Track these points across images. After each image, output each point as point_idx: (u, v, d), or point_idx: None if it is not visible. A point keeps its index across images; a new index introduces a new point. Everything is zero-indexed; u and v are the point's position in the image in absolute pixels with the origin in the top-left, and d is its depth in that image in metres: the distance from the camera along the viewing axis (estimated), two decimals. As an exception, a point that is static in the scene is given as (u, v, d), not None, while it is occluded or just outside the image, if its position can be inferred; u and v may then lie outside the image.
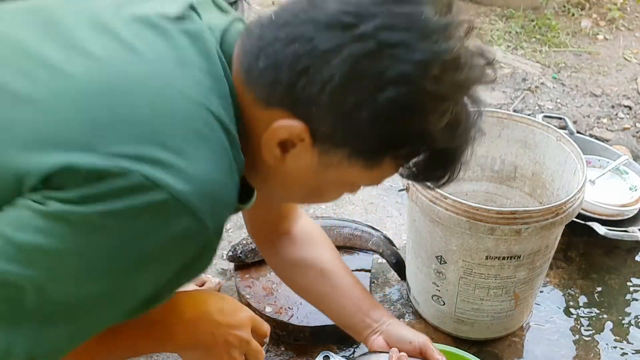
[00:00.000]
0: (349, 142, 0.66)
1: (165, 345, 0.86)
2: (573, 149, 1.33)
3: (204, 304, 0.87)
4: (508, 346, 1.42)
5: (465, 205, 1.16)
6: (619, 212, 1.65)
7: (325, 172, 0.69)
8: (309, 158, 0.68)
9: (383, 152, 0.67)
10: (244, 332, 0.88)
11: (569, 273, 1.63)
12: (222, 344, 0.86)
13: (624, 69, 2.84)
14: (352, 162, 0.68)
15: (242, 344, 0.88)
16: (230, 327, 0.87)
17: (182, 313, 0.84)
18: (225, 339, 0.86)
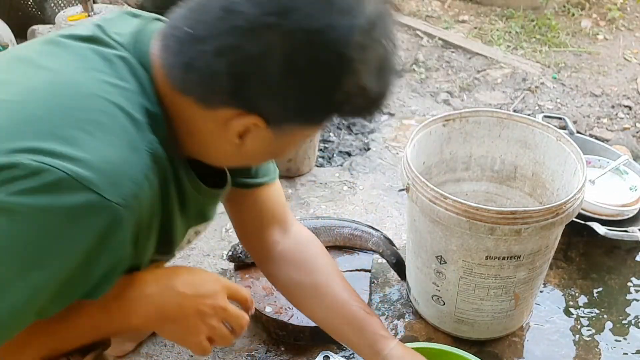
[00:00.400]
0: (299, 116, 0.75)
1: (128, 321, 0.82)
2: (573, 149, 1.33)
3: (166, 278, 0.85)
4: (508, 346, 1.42)
5: (465, 205, 1.16)
6: (619, 212, 1.65)
7: (282, 139, 0.78)
8: (266, 136, 0.76)
9: (330, 115, 0.76)
10: (217, 300, 0.86)
11: (569, 273, 1.63)
12: (194, 314, 0.84)
13: (624, 69, 2.84)
14: (304, 126, 0.79)
15: (218, 311, 0.86)
16: (199, 297, 0.85)
17: (142, 288, 0.82)
18: (196, 309, 0.84)
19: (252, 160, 0.91)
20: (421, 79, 2.77)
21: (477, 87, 2.70)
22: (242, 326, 0.90)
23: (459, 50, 3.01)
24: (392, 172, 2.07)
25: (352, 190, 1.97)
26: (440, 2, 3.57)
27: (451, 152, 1.49)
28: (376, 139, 2.25)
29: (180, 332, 0.85)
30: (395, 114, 2.45)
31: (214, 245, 1.73)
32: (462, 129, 1.46)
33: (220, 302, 0.86)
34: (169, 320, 0.83)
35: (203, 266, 1.65)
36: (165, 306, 0.82)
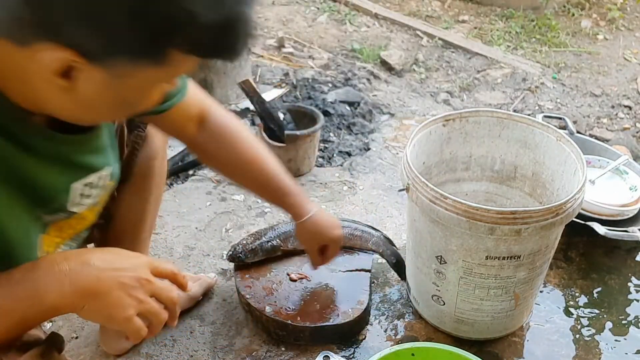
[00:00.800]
0: (120, 48, 0.65)
1: (42, 301, 0.76)
2: (573, 149, 1.33)
3: (77, 255, 0.80)
4: (508, 346, 1.42)
5: (465, 205, 1.16)
6: (619, 212, 1.65)
7: (121, 83, 0.70)
8: (96, 76, 0.68)
9: (160, 46, 0.66)
10: (139, 272, 0.80)
11: (569, 273, 1.63)
12: (116, 287, 0.78)
13: (624, 69, 2.85)
14: (140, 65, 0.68)
15: (143, 283, 0.80)
16: (118, 269, 0.79)
17: (52, 265, 0.77)
18: (117, 281, 0.78)
19: (98, 112, 0.79)
20: (421, 79, 2.77)
21: (477, 87, 2.70)
22: (172, 300, 0.84)
23: (459, 50, 3.01)
24: (392, 172, 2.07)
25: (352, 190, 1.97)
26: (440, 2, 3.57)
27: (451, 152, 1.49)
28: (376, 139, 2.25)
29: (105, 308, 0.79)
30: (395, 114, 2.45)
31: (214, 245, 1.73)
32: (462, 129, 1.46)
33: (143, 274, 0.81)
34: (88, 296, 0.78)
35: (203, 266, 1.66)
36: (80, 281, 0.77)
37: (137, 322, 0.80)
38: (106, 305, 0.79)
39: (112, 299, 0.78)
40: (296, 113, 2.05)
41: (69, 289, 0.77)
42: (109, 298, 0.78)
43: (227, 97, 2.41)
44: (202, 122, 1.16)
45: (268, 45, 3.02)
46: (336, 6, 3.47)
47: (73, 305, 0.79)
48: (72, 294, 0.77)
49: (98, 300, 0.78)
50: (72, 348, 1.41)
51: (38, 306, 0.77)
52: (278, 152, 1.95)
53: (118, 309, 0.79)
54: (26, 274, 0.77)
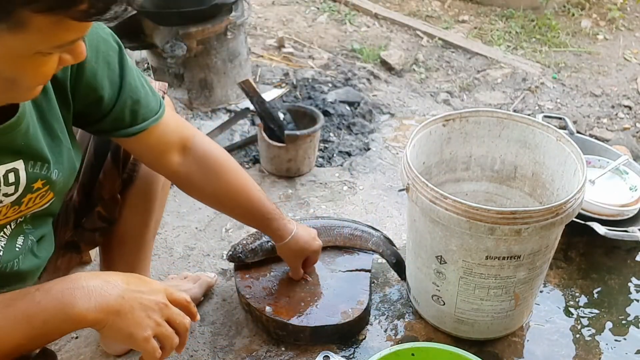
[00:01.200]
0: None
1: (67, 312, 0.78)
2: (573, 149, 1.33)
3: (105, 275, 0.84)
4: (508, 346, 1.42)
5: (465, 205, 1.16)
6: (619, 212, 1.65)
7: None
8: None
9: (8, 9, 0.62)
10: (159, 297, 0.85)
11: (569, 273, 1.63)
12: (139, 308, 0.82)
13: (624, 69, 2.84)
14: None
15: (161, 307, 0.84)
16: (141, 292, 0.83)
17: (81, 280, 0.80)
18: (139, 302, 0.82)
19: None
20: (421, 79, 2.77)
21: (477, 87, 2.70)
22: (185, 327, 0.88)
23: (459, 50, 3.01)
24: (392, 172, 2.07)
25: (352, 190, 1.97)
26: (440, 2, 3.57)
27: (451, 152, 1.49)
28: (376, 139, 2.25)
29: (127, 327, 0.82)
30: (395, 114, 2.45)
31: (214, 245, 1.73)
32: (462, 129, 1.46)
33: (161, 299, 0.85)
34: (112, 313, 0.80)
35: (203, 266, 1.66)
36: (105, 297, 0.80)
37: (154, 343, 0.84)
38: (128, 324, 0.82)
39: (134, 319, 0.82)
40: (296, 113, 2.05)
41: (94, 304, 0.79)
42: (131, 317, 0.81)
43: (227, 97, 2.41)
44: (184, 150, 1.13)
45: (268, 45, 3.02)
46: (336, 6, 3.47)
47: (96, 320, 0.81)
48: (96, 309, 0.80)
49: (121, 318, 0.81)
50: (72, 348, 1.41)
51: (62, 316, 0.79)
52: (278, 152, 1.95)
53: (139, 328, 0.82)
54: (60, 284, 0.79)
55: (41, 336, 0.81)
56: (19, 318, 0.77)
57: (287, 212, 1.86)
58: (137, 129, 1.01)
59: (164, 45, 2.17)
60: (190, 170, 1.14)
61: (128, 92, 0.97)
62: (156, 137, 1.05)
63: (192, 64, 2.29)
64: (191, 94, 2.36)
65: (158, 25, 2.19)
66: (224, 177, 1.17)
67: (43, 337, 0.81)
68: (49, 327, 0.79)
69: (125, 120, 0.99)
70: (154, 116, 1.02)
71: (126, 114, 0.98)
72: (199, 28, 2.18)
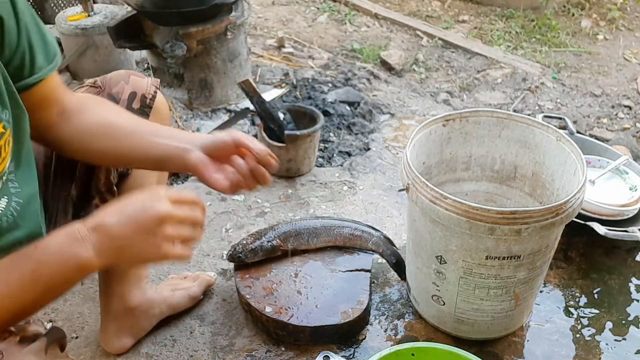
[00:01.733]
0: None
1: (72, 266, 0.79)
2: (573, 149, 1.33)
3: (97, 218, 0.81)
4: (508, 346, 1.42)
5: (465, 205, 1.16)
6: (619, 212, 1.65)
7: None
8: None
9: None
10: (159, 209, 0.81)
11: (569, 273, 1.63)
12: (138, 233, 0.80)
13: (624, 69, 2.84)
14: None
15: (163, 219, 0.81)
16: (135, 217, 0.81)
17: (73, 234, 0.79)
18: (136, 227, 0.80)
19: None
20: (421, 79, 2.77)
21: (477, 87, 2.70)
22: (197, 220, 0.86)
23: (459, 50, 3.01)
24: (392, 172, 2.07)
25: (352, 190, 1.97)
26: (440, 2, 3.57)
27: (451, 152, 1.49)
28: (376, 139, 2.25)
29: (136, 256, 0.82)
30: (395, 114, 2.45)
31: (214, 245, 1.73)
32: (462, 129, 1.46)
33: (162, 210, 0.81)
34: (115, 252, 0.80)
35: (203, 266, 1.66)
36: (104, 240, 0.80)
37: (174, 253, 0.82)
38: (135, 254, 0.81)
39: (138, 246, 0.80)
40: (296, 113, 2.05)
41: (95, 252, 0.79)
42: (134, 246, 0.80)
43: (227, 97, 2.41)
44: (63, 110, 1.03)
45: (268, 45, 3.02)
46: (336, 6, 3.47)
47: (103, 264, 0.81)
48: (99, 255, 0.79)
49: (126, 252, 0.80)
50: (72, 348, 1.41)
51: (67, 270, 0.79)
52: (278, 152, 1.95)
53: (147, 252, 0.81)
54: (50, 244, 0.78)
55: (51, 290, 0.81)
56: (26, 279, 0.77)
57: (287, 212, 1.86)
58: (35, 79, 0.93)
59: (164, 45, 2.17)
60: (72, 130, 1.03)
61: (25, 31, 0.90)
62: (45, 89, 0.97)
63: (192, 64, 2.29)
64: (191, 94, 2.36)
65: (158, 25, 2.20)
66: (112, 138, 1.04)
67: (53, 292, 0.81)
68: (56, 281, 0.80)
69: (24, 71, 0.91)
70: (49, 65, 0.95)
71: (26, 59, 0.91)
72: (199, 28, 2.18)
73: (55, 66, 0.97)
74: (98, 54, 2.52)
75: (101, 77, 1.18)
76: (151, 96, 1.17)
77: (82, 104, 1.05)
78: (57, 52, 0.98)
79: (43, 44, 0.95)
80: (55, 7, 3.05)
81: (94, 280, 1.58)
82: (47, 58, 0.95)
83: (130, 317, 1.37)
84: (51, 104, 1.01)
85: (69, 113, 1.03)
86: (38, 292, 0.79)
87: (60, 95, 1.02)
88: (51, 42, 0.97)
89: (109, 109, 1.07)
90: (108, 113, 1.06)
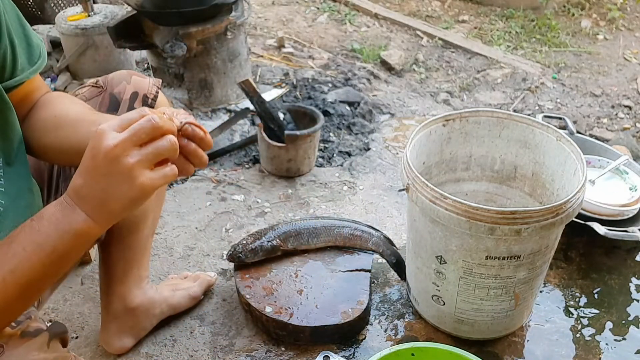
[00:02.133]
0: None
1: (70, 237, 0.75)
2: (573, 149, 1.33)
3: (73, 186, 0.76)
4: (508, 346, 1.42)
5: (465, 205, 1.16)
6: (619, 212, 1.65)
7: None
8: None
9: None
10: (111, 142, 0.71)
11: (569, 273, 1.63)
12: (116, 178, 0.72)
13: (624, 69, 2.84)
14: None
15: (126, 148, 0.71)
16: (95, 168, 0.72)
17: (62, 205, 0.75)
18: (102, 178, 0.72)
19: None
20: (421, 79, 2.77)
21: (477, 87, 2.70)
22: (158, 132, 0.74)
23: (459, 50, 3.01)
24: (392, 172, 2.07)
25: (352, 190, 1.97)
26: (440, 2, 3.57)
27: (451, 152, 1.49)
28: (376, 139, 2.25)
29: (124, 202, 0.74)
30: (395, 114, 2.45)
31: (214, 245, 1.73)
32: (462, 129, 1.46)
33: (110, 143, 0.71)
34: (106, 209, 0.75)
35: (203, 266, 1.66)
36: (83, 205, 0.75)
37: (152, 177, 0.74)
38: (118, 199, 0.74)
39: (113, 191, 0.73)
40: (296, 113, 2.06)
41: (86, 216, 0.75)
42: (110, 192, 0.73)
43: (227, 97, 2.41)
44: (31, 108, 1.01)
45: (268, 45, 3.02)
46: (336, 6, 3.47)
47: (101, 225, 0.76)
48: (92, 219, 0.75)
49: (109, 203, 0.74)
50: (72, 348, 1.41)
51: (68, 239, 0.75)
52: (278, 152, 1.95)
53: (126, 191, 0.73)
54: (45, 215, 0.75)
55: (59, 260, 0.77)
56: (30, 249, 0.74)
57: (287, 212, 1.86)
58: (18, 80, 0.92)
59: (164, 45, 2.17)
60: (25, 127, 0.99)
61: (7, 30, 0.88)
62: (25, 90, 0.95)
63: (192, 64, 2.29)
64: (191, 94, 2.36)
65: (158, 25, 2.19)
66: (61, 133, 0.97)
67: (60, 261, 0.78)
68: (61, 250, 0.76)
69: (4, 74, 0.90)
70: (33, 66, 0.94)
71: (7, 60, 0.89)
72: (199, 28, 2.18)
73: (38, 69, 0.96)
74: (98, 54, 2.52)
75: (103, 77, 1.18)
76: (153, 96, 1.17)
77: (45, 101, 1.01)
78: (42, 55, 0.97)
79: (27, 46, 0.94)
80: (55, 7, 3.05)
81: (94, 280, 1.59)
82: (30, 60, 0.94)
83: (131, 317, 1.37)
84: (29, 104, 1.00)
85: (32, 110, 1.01)
86: (44, 262, 0.76)
87: (38, 97, 1.01)
88: (36, 44, 0.96)
89: (63, 103, 1.00)
90: (60, 107, 0.99)
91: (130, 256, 1.32)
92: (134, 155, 0.72)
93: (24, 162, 0.97)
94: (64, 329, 0.90)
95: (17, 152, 0.95)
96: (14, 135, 0.94)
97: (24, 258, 0.75)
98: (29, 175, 0.99)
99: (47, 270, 0.77)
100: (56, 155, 1.00)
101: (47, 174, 1.15)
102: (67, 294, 1.56)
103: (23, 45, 0.93)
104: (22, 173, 0.96)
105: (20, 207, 0.95)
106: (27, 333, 0.84)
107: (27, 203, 0.97)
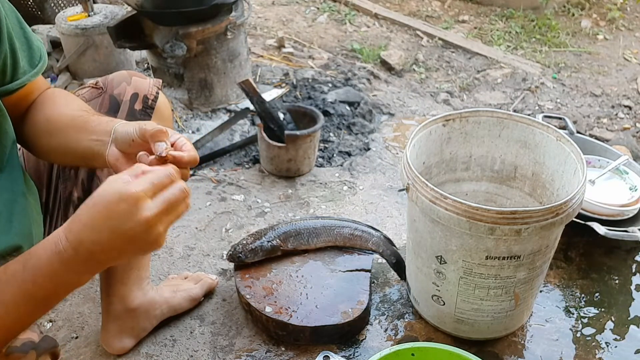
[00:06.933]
0: None
1: (64, 288, 0.75)
2: (573, 149, 1.33)
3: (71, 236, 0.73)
4: (508, 346, 1.42)
5: (465, 205, 1.16)
6: (619, 212, 1.65)
7: None
8: None
9: None
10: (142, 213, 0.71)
11: (569, 273, 1.63)
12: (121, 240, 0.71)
13: (624, 69, 2.85)
14: None
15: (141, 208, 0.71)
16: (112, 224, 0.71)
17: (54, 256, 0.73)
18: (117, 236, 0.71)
19: None
20: (421, 79, 2.77)
21: (477, 87, 2.70)
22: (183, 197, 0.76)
23: (459, 50, 3.01)
24: (392, 172, 2.07)
25: (352, 190, 1.97)
26: (440, 2, 3.57)
27: (451, 152, 1.49)
28: (376, 139, 2.25)
29: (135, 252, 0.75)
30: (395, 114, 2.45)
31: (214, 245, 1.73)
32: (462, 129, 1.46)
33: (149, 215, 0.71)
34: (101, 263, 0.75)
35: (203, 266, 1.66)
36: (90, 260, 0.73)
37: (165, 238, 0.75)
38: (129, 256, 0.75)
39: (131, 251, 0.74)
40: (296, 113, 2.06)
41: (83, 272, 0.75)
42: (126, 252, 0.74)
43: (227, 97, 2.42)
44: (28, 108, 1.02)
45: (268, 45, 3.02)
46: (336, 6, 3.47)
47: (94, 274, 0.78)
48: (88, 273, 0.76)
49: (118, 258, 0.75)
50: (72, 348, 1.41)
51: (60, 290, 0.76)
52: (278, 152, 1.95)
53: (140, 251, 0.75)
54: (36, 264, 0.74)
55: (46, 304, 0.78)
56: (19, 300, 0.74)
57: (287, 212, 1.86)
58: (18, 84, 0.92)
59: (164, 45, 2.17)
60: (22, 129, 1.00)
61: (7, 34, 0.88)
62: (25, 92, 0.95)
63: (192, 64, 2.29)
64: (191, 94, 2.36)
65: (158, 25, 2.20)
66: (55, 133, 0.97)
67: (48, 305, 0.78)
68: (52, 299, 0.77)
69: (6, 77, 0.91)
70: (34, 69, 0.94)
71: (8, 64, 0.90)
72: (199, 28, 2.18)
73: (39, 71, 0.96)
74: (98, 54, 2.52)
75: (102, 78, 1.18)
76: (153, 97, 1.17)
77: (40, 101, 1.01)
78: (43, 58, 0.97)
79: (28, 48, 0.94)
80: (55, 7, 3.05)
81: (95, 281, 1.58)
82: (31, 63, 0.94)
83: (132, 317, 1.37)
84: (28, 104, 1.00)
85: (28, 110, 1.01)
86: (33, 309, 0.76)
87: (37, 95, 1.01)
88: (37, 47, 0.96)
89: (56, 105, 1.00)
90: (52, 109, 0.98)
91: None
92: (164, 223, 0.74)
93: (16, 165, 0.96)
94: (54, 344, 0.88)
95: (8, 157, 0.94)
96: (7, 141, 0.93)
97: (13, 309, 0.75)
98: (22, 178, 0.98)
99: (34, 314, 0.78)
100: (51, 157, 1.03)
101: (47, 175, 1.15)
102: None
103: (24, 48, 0.94)
104: (14, 177, 0.95)
105: (15, 212, 0.94)
106: (14, 349, 0.81)
107: (21, 207, 0.96)
